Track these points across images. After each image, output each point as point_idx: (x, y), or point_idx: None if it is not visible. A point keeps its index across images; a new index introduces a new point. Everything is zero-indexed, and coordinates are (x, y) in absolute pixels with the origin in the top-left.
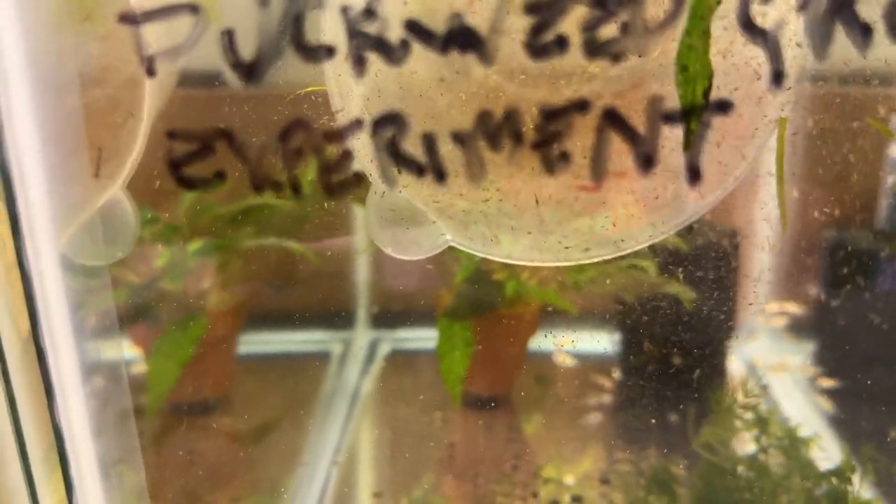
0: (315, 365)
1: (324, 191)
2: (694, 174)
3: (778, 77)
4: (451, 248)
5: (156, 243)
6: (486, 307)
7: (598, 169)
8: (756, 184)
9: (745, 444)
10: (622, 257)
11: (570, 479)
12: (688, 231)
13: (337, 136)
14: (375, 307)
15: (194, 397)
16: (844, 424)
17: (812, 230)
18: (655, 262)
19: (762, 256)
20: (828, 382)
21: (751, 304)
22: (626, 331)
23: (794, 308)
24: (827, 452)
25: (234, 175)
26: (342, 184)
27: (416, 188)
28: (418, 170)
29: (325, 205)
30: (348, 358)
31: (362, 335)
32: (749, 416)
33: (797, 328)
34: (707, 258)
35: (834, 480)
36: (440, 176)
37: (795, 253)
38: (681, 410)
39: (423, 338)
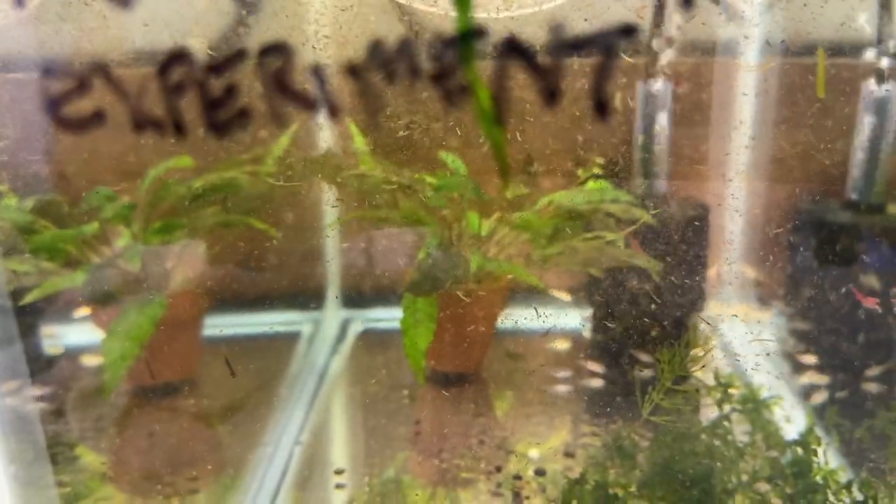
0: (285, 346)
1: (209, 129)
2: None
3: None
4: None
5: (115, 223)
6: (450, 282)
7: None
8: (723, 162)
9: (709, 411)
10: (588, 230)
11: (534, 453)
12: (659, 204)
13: (219, 68)
14: (346, 287)
15: (157, 379)
16: (810, 391)
17: (780, 202)
18: (623, 236)
19: (729, 228)
20: (797, 352)
21: (717, 275)
22: (593, 304)
23: (759, 277)
24: (792, 422)
25: (198, 154)
26: (228, 121)
27: None
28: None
29: (290, 181)
30: (318, 338)
31: (332, 315)
32: (701, 374)
33: (764, 298)
34: (674, 230)
35: (799, 450)
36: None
37: (763, 224)
38: (645, 381)
39: (395, 317)
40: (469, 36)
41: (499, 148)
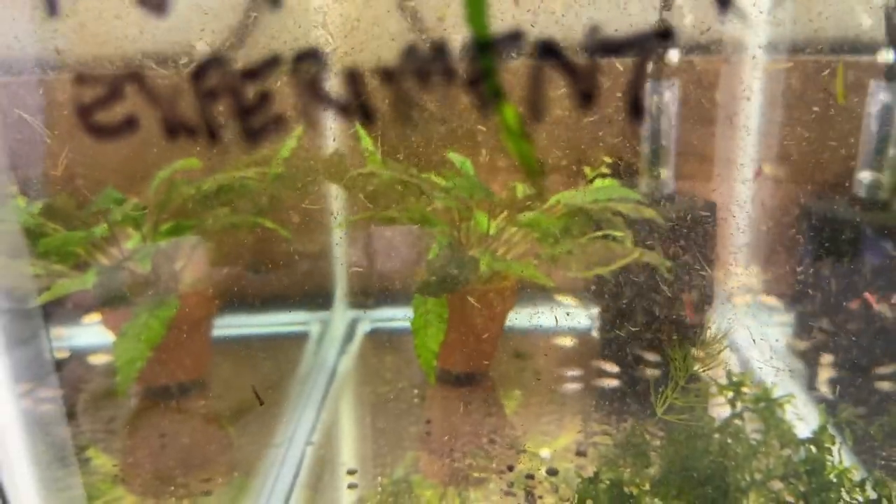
0: (293, 346)
1: (244, 136)
2: None
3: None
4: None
5: (125, 225)
6: (460, 283)
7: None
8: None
9: (720, 410)
10: (597, 229)
11: (546, 453)
12: (667, 202)
13: (254, 74)
14: (354, 287)
15: (168, 380)
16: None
17: (788, 200)
18: (631, 234)
19: (738, 227)
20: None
21: (726, 273)
22: (602, 302)
23: (767, 275)
24: (805, 419)
25: (206, 155)
26: (263, 127)
27: None
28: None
29: (297, 182)
30: (326, 338)
31: (341, 315)
32: (713, 374)
33: (773, 295)
34: (683, 229)
35: (812, 448)
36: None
37: (771, 223)
38: (655, 379)
39: (403, 317)
40: (487, 48)
41: (528, 162)
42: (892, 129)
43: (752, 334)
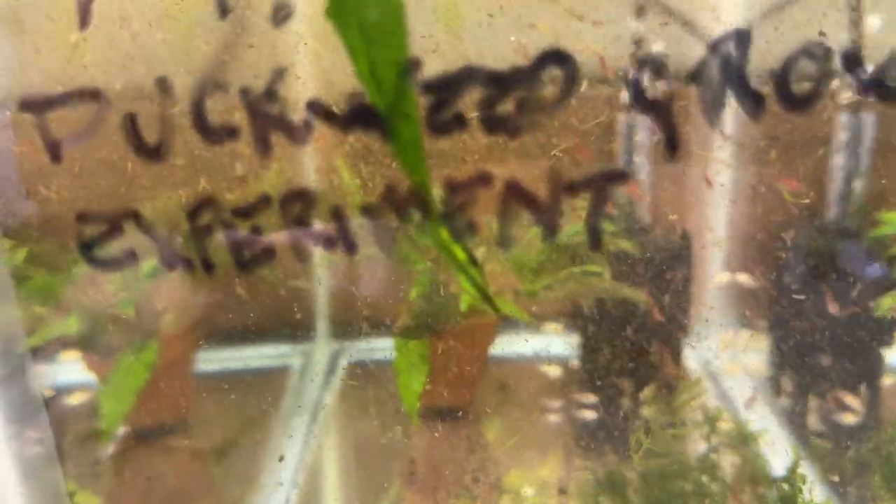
0: (275, 379)
1: (236, 267)
2: None
3: (673, 145)
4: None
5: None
6: (441, 323)
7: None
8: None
9: (697, 445)
10: (576, 264)
11: (528, 490)
12: (643, 233)
13: (246, 212)
14: (335, 319)
15: (151, 421)
16: (795, 419)
17: (761, 228)
18: (608, 268)
19: (712, 257)
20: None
21: (703, 305)
22: (581, 336)
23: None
24: (779, 452)
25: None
26: (254, 259)
27: None
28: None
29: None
30: (309, 371)
31: (323, 348)
32: (690, 414)
33: (750, 325)
34: (657, 261)
35: (785, 486)
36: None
37: (745, 252)
38: (632, 415)
39: (385, 348)
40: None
41: (477, 288)
42: (857, 156)
43: (729, 367)
